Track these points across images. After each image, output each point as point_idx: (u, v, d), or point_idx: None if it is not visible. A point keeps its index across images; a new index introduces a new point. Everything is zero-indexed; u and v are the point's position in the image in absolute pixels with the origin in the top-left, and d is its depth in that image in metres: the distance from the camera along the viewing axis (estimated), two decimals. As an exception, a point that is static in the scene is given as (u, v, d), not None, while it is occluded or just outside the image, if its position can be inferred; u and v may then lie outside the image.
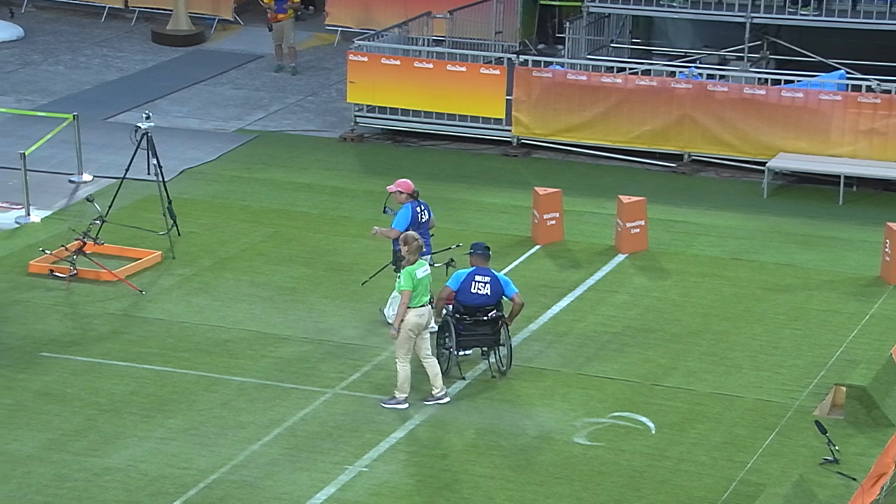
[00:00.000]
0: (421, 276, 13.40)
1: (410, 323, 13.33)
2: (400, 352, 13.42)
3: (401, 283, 13.38)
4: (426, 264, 13.53)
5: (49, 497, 11.77)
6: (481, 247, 14.13)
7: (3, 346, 14.33)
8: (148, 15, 26.70)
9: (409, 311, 13.31)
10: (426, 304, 13.45)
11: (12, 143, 19.46)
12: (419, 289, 13.36)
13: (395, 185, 15.17)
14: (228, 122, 21.86)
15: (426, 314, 13.43)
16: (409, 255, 13.39)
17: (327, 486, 12.17)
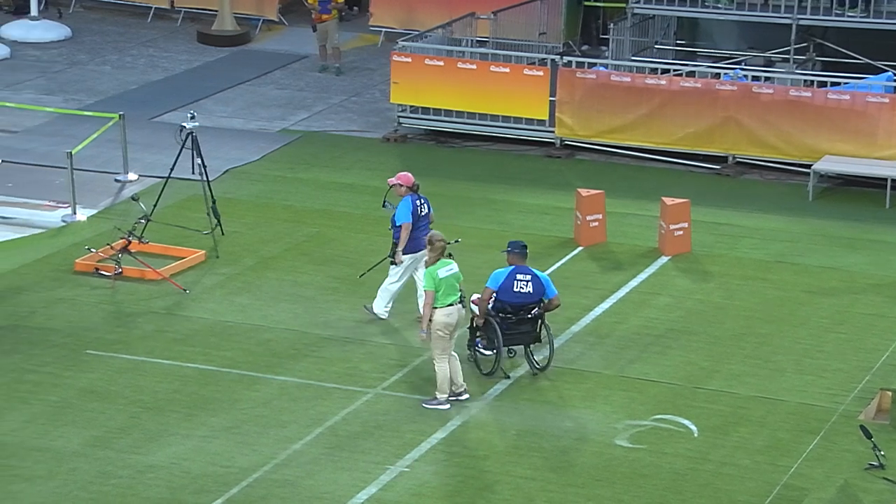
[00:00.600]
0: (444, 276, 13.37)
1: (439, 323, 13.33)
2: (436, 352, 13.43)
3: (424, 284, 13.42)
4: (451, 263, 13.51)
5: (93, 493, 11.86)
6: (519, 245, 14.14)
7: (49, 343, 14.46)
8: (193, 15, 26.85)
9: (437, 310, 13.31)
10: (454, 303, 13.42)
11: (59, 143, 19.62)
12: (444, 288, 13.34)
13: (395, 177, 15.29)
14: (272, 122, 21.95)
15: (454, 313, 13.41)
16: (432, 253, 13.38)
17: (368, 486, 12.20)
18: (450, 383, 13.49)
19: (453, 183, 19.67)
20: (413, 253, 14.98)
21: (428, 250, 13.48)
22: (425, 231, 14.77)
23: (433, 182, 19.77)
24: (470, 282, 16.40)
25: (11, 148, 20.03)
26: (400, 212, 14.95)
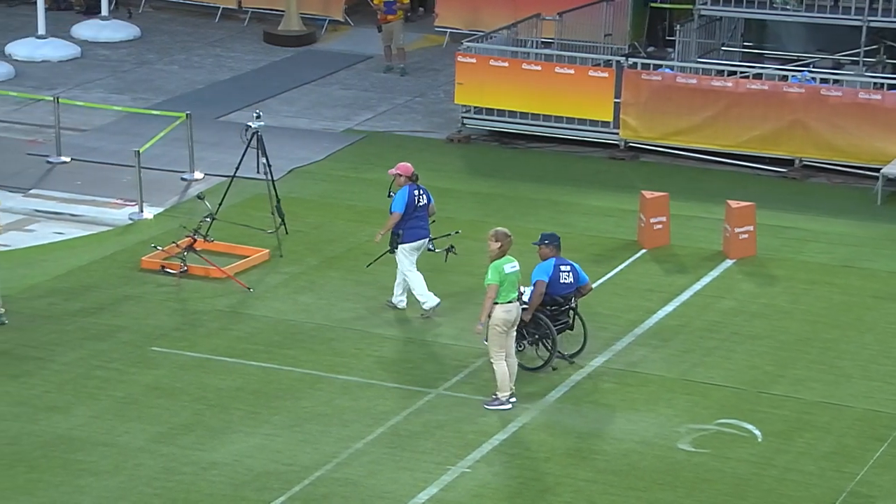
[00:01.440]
0: (509, 272, 13.33)
1: (499, 319, 13.28)
2: (493, 349, 13.39)
3: (488, 278, 13.32)
4: (514, 260, 13.47)
5: (158, 489, 11.97)
6: (556, 237, 14.19)
7: (115, 340, 14.61)
8: (260, 15, 27.03)
9: (497, 306, 13.26)
10: (514, 300, 13.39)
11: (127, 141, 19.82)
12: (506, 284, 13.30)
13: (395, 168, 15.45)
14: (337, 122, 22.04)
15: (514, 310, 13.38)
16: (499, 250, 13.32)
17: (429, 486, 12.21)
18: (510, 381, 13.45)
19: (516, 184, 19.64)
20: (412, 242, 15.18)
21: (495, 247, 13.36)
22: (424, 221, 15.15)
23: (496, 183, 19.77)
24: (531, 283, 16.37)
25: (81, 146, 20.26)
26: (395, 201, 15.20)
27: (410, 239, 15.17)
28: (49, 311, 15.16)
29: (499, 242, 13.36)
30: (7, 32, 25.18)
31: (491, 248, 13.40)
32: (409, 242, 15.17)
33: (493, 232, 13.49)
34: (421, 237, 15.16)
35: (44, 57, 24.19)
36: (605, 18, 23.98)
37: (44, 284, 15.84)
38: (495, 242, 13.38)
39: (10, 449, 12.44)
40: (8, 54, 24.13)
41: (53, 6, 26.70)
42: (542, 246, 14.11)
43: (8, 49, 24.28)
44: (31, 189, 18.79)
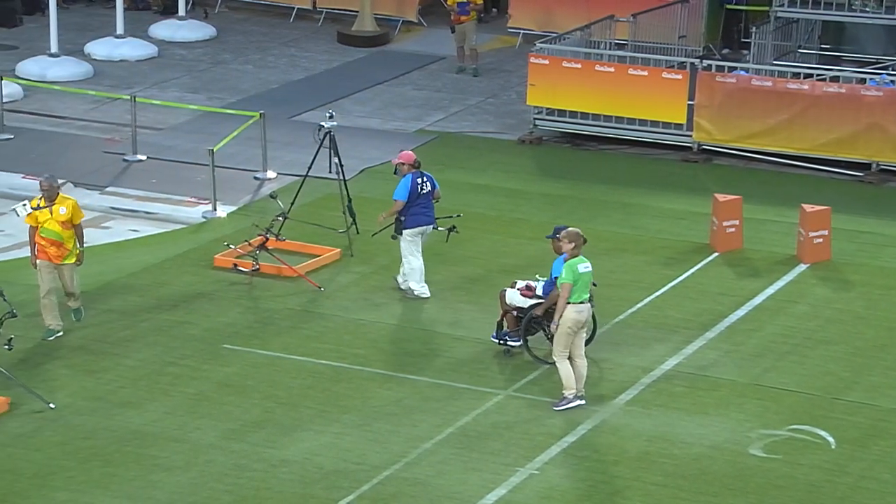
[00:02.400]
0: (582, 272, 13.32)
1: (569, 319, 13.28)
2: (557, 348, 13.38)
3: (562, 277, 13.31)
4: (587, 260, 13.45)
5: (229, 486, 12.07)
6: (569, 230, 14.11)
7: (188, 337, 14.75)
8: (334, 16, 27.17)
9: (568, 306, 13.25)
10: (586, 300, 13.36)
11: (201, 140, 20.01)
12: (579, 284, 13.28)
13: (398, 157, 15.72)
14: (409, 122, 22.10)
15: (585, 311, 13.37)
16: (573, 249, 13.31)
17: (498, 488, 12.20)
18: (575, 380, 13.42)
19: (588, 186, 19.58)
20: (414, 228, 15.51)
21: (569, 247, 13.34)
22: (427, 207, 15.48)
23: (568, 185, 19.72)
24: (604, 285, 16.33)
25: (156, 145, 20.49)
26: (398, 189, 15.51)
27: (412, 225, 15.53)
28: (124, 307, 15.35)
29: (572, 243, 13.35)
30: (86, 32, 25.52)
31: (564, 248, 13.38)
32: (412, 228, 15.51)
33: (566, 232, 13.48)
34: (423, 223, 15.56)
35: (122, 56, 24.49)
36: (680, 20, 23.82)
37: (119, 281, 16.03)
38: (569, 243, 13.36)
39: (86, 443, 12.61)
40: (87, 54, 24.45)
41: (132, 6, 27.03)
42: (555, 240, 14.08)
43: (87, 48, 24.61)
44: (108, 187, 19.02)
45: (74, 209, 14.36)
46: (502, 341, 14.40)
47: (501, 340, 14.40)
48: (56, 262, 14.30)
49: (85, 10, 27.46)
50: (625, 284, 16.38)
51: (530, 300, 14.23)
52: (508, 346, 14.38)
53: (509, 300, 14.36)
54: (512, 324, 14.37)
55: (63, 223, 14.18)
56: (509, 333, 14.38)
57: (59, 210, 14.22)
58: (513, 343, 14.35)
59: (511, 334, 14.36)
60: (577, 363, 13.50)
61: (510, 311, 14.36)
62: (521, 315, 14.25)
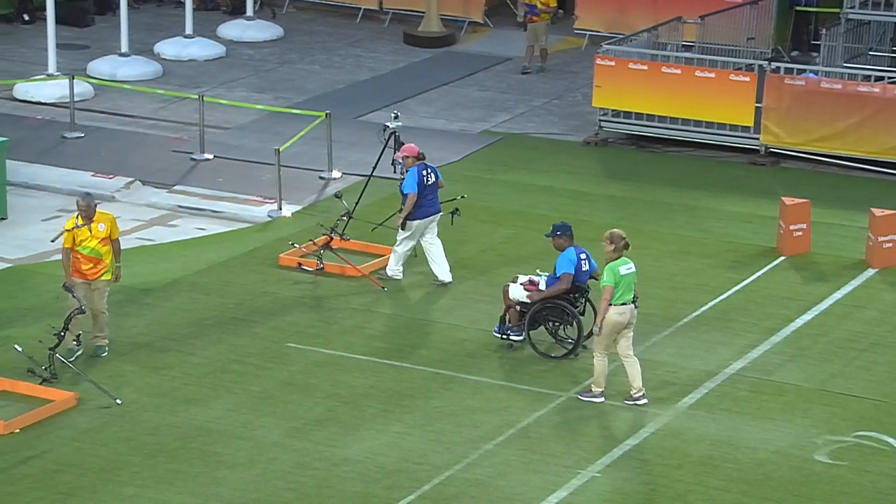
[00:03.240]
0: (624, 273, 13.27)
1: (610, 321, 13.26)
2: (599, 347, 13.42)
3: (603, 279, 13.30)
4: (630, 262, 13.40)
5: (291, 484, 12.15)
6: (568, 227, 14.31)
7: (252, 335, 14.86)
8: (401, 16, 27.25)
9: (611, 308, 13.23)
10: (628, 301, 13.32)
11: (267, 140, 20.14)
12: (621, 286, 13.24)
13: (400, 151, 15.96)
14: (473, 123, 22.11)
15: (627, 312, 13.32)
16: (614, 252, 13.28)
17: (559, 490, 12.17)
18: (607, 379, 13.50)
19: (653, 188, 19.48)
20: (421, 219, 15.68)
21: (610, 249, 13.34)
22: (433, 198, 15.75)
23: (632, 187, 19.63)
24: (668, 288, 16.24)
25: (223, 144, 20.66)
26: (407, 182, 15.66)
27: (422, 216, 15.75)
28: (189, 305, 15.49)
29: (613, 244, 13.32)
30: (156, 32, 25.79)
31: (606, 249, 13.37)
32: (420, 219, 15.73)
33: (608, 234, 13.46)
34: (432, 213, 15.82)
35: (190, 56, 24.72)
36: (749, 22, 23.64)
37: (185, 279, 16.18)
38: (610, 244, 13.34)
39: (151, 439, 12.74)
40: (156, 53, 24.71)
41: (201, 6, 27.28)
42: (556, 237, 14.23)
43: (156, 48, 24.86)
44: (175, 185, 19.21)
45: (112, 224, 13.99)
46: (505, 336, 14.53)
47: (504, 335, 14.53)
48: (91, 279, 13.86)
49: (155, 11, 27.75)
50: (689, 287, 16.28)
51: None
52: (511, 341, 14.50)
53: (512, 295, 14.51)
54: (515, 318, 14.49)
55: (101, 240, 13.85)
56: (512, 328, 14.49)
57: (97, 227, 13.82)
58: (515, 337, 14.49)
59: (514, 329, 14.48)
60: (627, 363, 13.48)
61: (513, 306, 14.49)
62: (525, 310, 14.38)
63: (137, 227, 17.94)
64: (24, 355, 13.38)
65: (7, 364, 13.77)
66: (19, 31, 25.68)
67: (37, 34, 24.57)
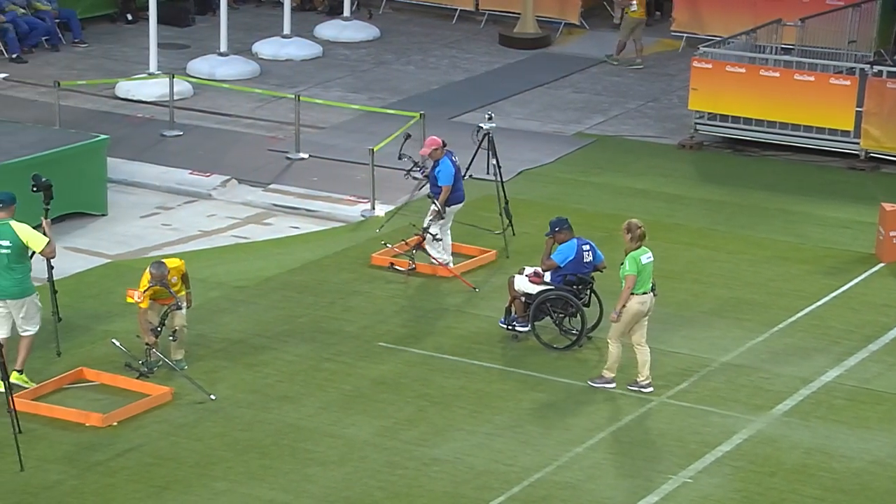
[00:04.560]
0: (645, 262, 13.39)
1: (632, 309, 13.38)
2: (614, 334, 13.57)
3: (625, 268, 13.39)
4: (649, 251, 13.54)
5: (382, 482, 12.19)
6: (565, 220, 14.58)
7: (344, 334, 14.95)
8: (496, 17, 27.24)
9: (632, 297, 13.33)
10: (648, 290, 13.44)
11: (362, 140, 20.25)
12: (643, 275, 13.34)
13: (425, 145, 16.11)
14: (567, 125, 22.03)
15: (648, 301, 13.45)
16: (633, 242, 13.42)
17: (650, 495, 12.08)
18: (639, 366, 13.59)
19: (749, 192, 19.26)
20: (455, 204, 16.10)
21: (628, 238, 13.51)
22: (461, 183, 16.13)
23: (728, 191, 19.42)
24: (764, 293, 16.04)
25: (318, 143, 20.81)
26: (443, 174, 15.82)
27: (454, 202, 16.16)
28: (283, 303, 15.62)
29: (631, 234, 13.49)
30: (255, 32, 26.06)
31: (625, 239, 13.55)
32: (454, 205, 16.12)
33: (626, 224, 13.61)
34: (461, 200, 16.17)
35: (287, 56, 24.94)
36: (850, 24, 23.26)
37: (279, 277, 16.33)
38: (628, 234, 13.50)
39: (244, 435, 12.87)
40: (254, 53, 24.98)
41: (299, 7, 27.53)
42: (556, 234, 14.44)
43: (255, 48, 25.13)
44: (271, 184, 19.39)
45: (180, 270, 13.77)
46: (510, 326, 14.65)
47: (510, 326, 14.66)
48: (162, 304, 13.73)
49: (254, 11, 28.05)
50: (785, 293, 16.07)
51: (538, 286, 14.47)
52: (516, 332, 14.62)
53: (518, 286, 14.62)
54: (520, 309, 14.62)
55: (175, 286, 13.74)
56: (517, 319, 14.62)
57: (171, 279, 13.65)
58: (520, 328, 14.61)
59: (519, 320, 14.61)
60: (639, 351, 13.62)
61: (518, 298, 14.62)
62: (530, 301, 14.52)
63: (233, 224, 18.15)
64: (122, 349, 13.59)
65: (105, 358, 14.01)
66: (122, 30, 26.11)
67: (139, 34, 24.96)
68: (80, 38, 25.05)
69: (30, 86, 22.59)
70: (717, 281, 16.43)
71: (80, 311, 15.01)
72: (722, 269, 16.79)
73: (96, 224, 17.87)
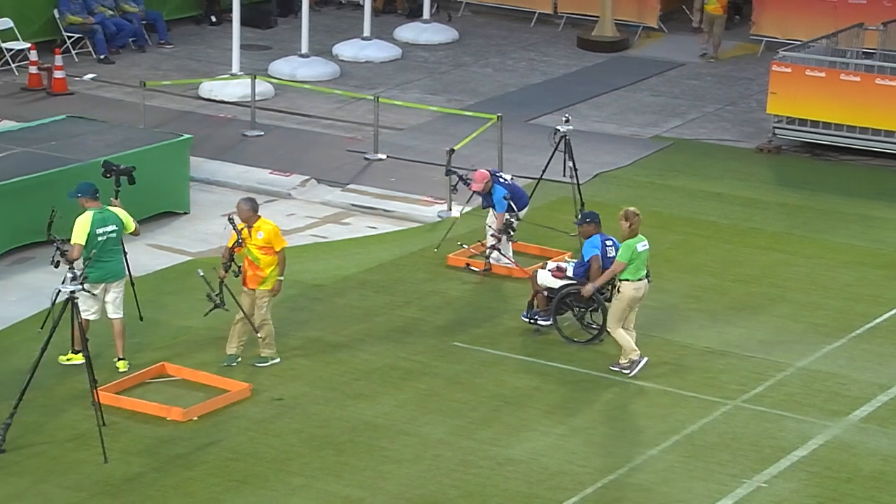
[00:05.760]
0: (640, 250, 13.68)
1: (627, 296, 13.70)
2: (612, 321, 13.85)
3: (619, 255, 13.71)
4: (645, 239, 13.77)
5: (456, 481, 12.21)
6: (595, 215, 14.44)
7: (420, 333, 14.98)
8: (575, 21, 27.16)
9: (627, 283, 13.67)
10: (643, 277, 13.70)
11: (440, 141, 20.27)
12: (637, 262, 13.64)
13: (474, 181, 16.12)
14: (644, 128, 21.91)
15: (642, 288, 13.74)
16: (630, 230, 13.67)
17: (724, 498, 11.98)
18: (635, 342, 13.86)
19: (826, 197, 19.04)
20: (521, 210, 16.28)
21: (626, 226, 13.71)
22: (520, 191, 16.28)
23: (806, 195, 19.20)
24: (840, 299, 15.84)
25: (397, 144, 20.88)
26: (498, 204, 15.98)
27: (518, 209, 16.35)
28: (360, 302, 15.69)
29: (628, 222, 13.70)
30: (335, 34, 26.21)
31: (622, 227, 13.71)
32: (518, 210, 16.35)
33: (623, 212, 13.81)
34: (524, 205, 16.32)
35: (367, 57, 25.05)
36: (932, 29, 22.88)
37: (356, 276, 16.41)
38: (625, 222, 13.69)
39: (321, 431, 12.95)
40: (335, 55, 25.12)
41: (382, 11, 27.66)
42: (584, 225, 14.44)
43: (335, 50, 25.27)
44: (349, 184, 19.49)
45: (274, 236, 13.70)
46: (532, 320, 14.74)
47: (532, 319, 14.75)
48: (250, 287, 13.82)
49: (335, 13, 28.22)
50: (862, 298, 15.86)
51: (561, 281, 14.56)
52: (538, 326, 14.71)
53: (540, 281, 14.75)
54: (542, 304, 14.73)
55: (260, 248, 13.72)
56: (539, 313, 14.72)
57: (256, 234, 13.70)
58: (543, 322, 14.70)
59: (541, 314, 14.70)
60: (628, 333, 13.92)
61: (541, 292, 14.72)
62: (552, 295, 14.62)
63: (312, 224, 18.27)
64: (205, 281, 13.58)
65: (186, 354, 14.17)
66: (206, 32, 26.38)
67: (223, 35, 25.22)
68: (166, 39, 25.36)
69: (116, 86, 22.91)
70: (794, 285, 16.25)
71: (162, 307, 15.20)
72: (798, 274, 16.60)
73: (179, 222, 18.07)
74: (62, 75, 22.35)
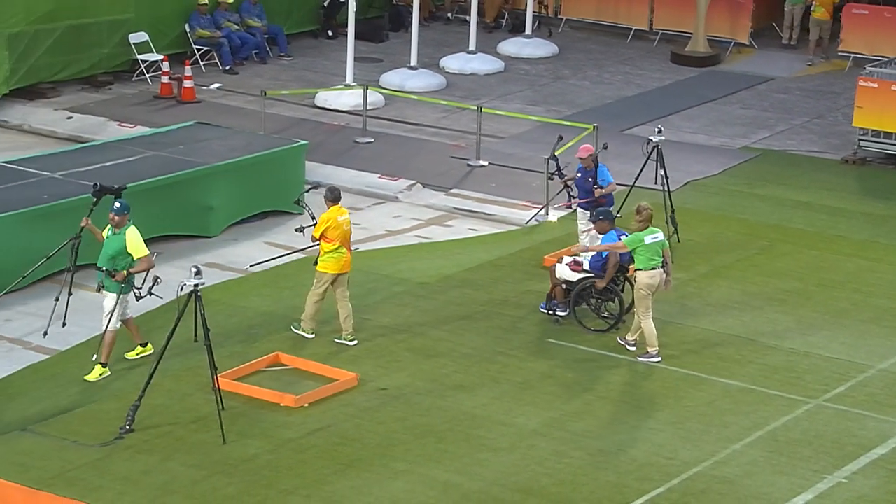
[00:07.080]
0: (649, 242, 13.89)
1: (643, 284, 13.86)
2: (640, 310, 13.92)
3: (625, 239, 14.03)
4: (658, 231, 13.99)
5: (549, 469, 12.18)
6: (609, 212, 14.71)
7: (517, 329, 14.97)
8: (669, 37, 26.93)
9: (642, 272, 13.85)
10: (657, 266, 13.90)
11: (538, 149, 20.23)
12: (649, 252, 13.85)
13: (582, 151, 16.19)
14: (734, 139, 21.64)
15: (657, 276, 13.91)
16: (641, 223, 13.84)
17: (805, 493, 11.79)
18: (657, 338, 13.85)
19: (911, 207, 18.64)
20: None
21: (636, 218, 13.91)
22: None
23: (890, 205, 18.82)
24: None
25: (498, 152, 20.89)
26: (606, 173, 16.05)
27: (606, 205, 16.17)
28: (461, 299, 15.73)
29: (640, 215, 13.95)
30: (443, 48, 26.30)
31: (635, 219, 14.03)
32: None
33: (637, 206, 14.09)
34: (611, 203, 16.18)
35: (472, 70, 25.10)
36: None
37: (457, 275, 16.45)
38: (637, 215, 13.98)
39: (422, 420, 13.01)
40: (441, 67, 25.21)
41: (487, 27, 27.71)
42: (599, 221, 14.53)
43: (442, 62, 25.36)
44: (452, 188, 19.55)
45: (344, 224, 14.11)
46: (551, 312, 14.73)
47: (550, 311, 14.74)
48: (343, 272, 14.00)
49: (443, 28, 28.32)
50: (944, 305, 15.50)
51: (578, 274, 14.60)
52: (557, 317, 14.71)
53: (559, 274, 14.81)
54: (561, 296, 14.74)
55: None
56: (558, 305, 14.72)
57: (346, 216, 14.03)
58: (561, 313, 14.71)
59: (560, 305, 14.70)
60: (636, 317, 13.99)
61: (559, 285, 14.74)
62: (570, 288, 14.64)
63: (417, 225, 18.36)
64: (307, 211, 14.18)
65: (298, 345, 14.32)
66: (323, 45, 26.64)
67: (338, 48, 25.45)
68: (286, 51, 25.66)
69: (240, 95, 23.24)
70: (878, 291, 15.93)
71: (279, 302, 15.39)
72: (882, 280, 16.27)
73: (294, 222, 18.26)
74: (191, 85, 22.75)
